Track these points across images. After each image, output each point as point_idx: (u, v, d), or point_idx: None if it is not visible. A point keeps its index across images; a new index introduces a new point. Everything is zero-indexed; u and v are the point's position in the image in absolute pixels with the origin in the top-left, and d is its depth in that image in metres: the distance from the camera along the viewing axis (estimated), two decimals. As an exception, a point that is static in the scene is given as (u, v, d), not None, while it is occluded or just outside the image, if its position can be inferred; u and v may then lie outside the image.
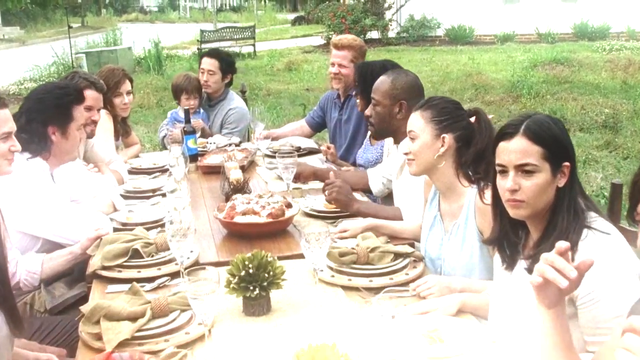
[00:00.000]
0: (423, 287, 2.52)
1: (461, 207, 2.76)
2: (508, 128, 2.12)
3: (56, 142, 3.21)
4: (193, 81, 5.54)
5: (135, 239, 2.90)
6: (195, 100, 5.54)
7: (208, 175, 4.37)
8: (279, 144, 4.93)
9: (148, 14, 52.22)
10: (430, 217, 2.92)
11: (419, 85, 3.52)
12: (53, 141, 3.20)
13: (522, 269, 2.16)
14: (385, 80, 3.50)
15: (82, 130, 3.34)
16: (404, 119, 3.38)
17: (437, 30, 21.63)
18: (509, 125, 2.13)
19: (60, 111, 3.22)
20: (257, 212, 3.15)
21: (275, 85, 14.89)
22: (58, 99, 3.25)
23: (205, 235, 3.25)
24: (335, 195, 3.35)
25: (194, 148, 4.58)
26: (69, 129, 3.23)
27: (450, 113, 2.79)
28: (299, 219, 3.36)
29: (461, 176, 2.78)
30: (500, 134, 2.15)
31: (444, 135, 2.76)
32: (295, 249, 3.01)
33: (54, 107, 3.22)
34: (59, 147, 3.22)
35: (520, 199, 2.09)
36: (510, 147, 2.10)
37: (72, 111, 3.25)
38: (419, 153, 2.79)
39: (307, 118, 5.51)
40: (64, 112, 3.23)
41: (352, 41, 5.04)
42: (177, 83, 5.61)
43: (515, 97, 11.78)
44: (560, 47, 17.84)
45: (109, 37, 19.69)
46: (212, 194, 3.95)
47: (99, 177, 3.81)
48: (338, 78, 4.97)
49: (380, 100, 3.49)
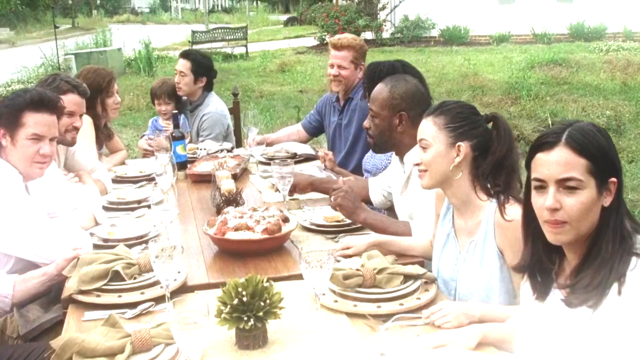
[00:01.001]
0: (438, 314, 2.24)
1: (478, 223, 2.48)
2: (547, 137, 1.84)
3: (6, 148, 2.92)
4: (166, 85, 5.32)
5: (116, 258, 2.61)
6: (167, 105, 5.33)
7: (198, 184, 4.09)
8: (274, 150, 4.66)
9: (139, 15, 51.79)
10: (443, 234, 2.64)
11: (421, 92, 3.20)
12: (2, 145, 2.92)
13: (556, 300, 1.89)
14: (383, 88, 3.20)
15: (42, 144, 2.95)
16: (405, 132, 3.12)
17: (432, 31, 21.37)
18: (548, 134, 1.85)
19: (10, 112, 2.93)
20: (251, 227, 2.87)
21: (268, 87, 14.60)
22: (12, 99, 2.97)
23: (194, 252, 2.97)
24: (340, 201, 3.05)
25: (183, 155, 4.30)
26: (17, 136, 2.91)
27: (466, 118, 2.52)
28: (297, 234, 3.08)
29: (478, 189, 2.51)
30: (537, 144, 1.86)
31: (460, 144, 2.48)
32: (293, 268, 2.73)
33: (4, 106, 2.95)
34: (11, 155, 2.93)
35: (562, 220, 1.81)
36: (550, 159, 1.81)
37: (22, 116, 2.92)
38: (432, 163, 2.51)
39: (304, 122, 5.22)
40: (14, 114, 2.92)
41: (352, 41, 4.75)
42: (152, 88, 5.40)
43: (514, 98, 11.53)
44: (556, 48, 17.60)
45: (99, 38, 19.33)
46: (202, 205, 3.67)
47: (79, 187, 3.51)
48: (338, 80, 4.68)
49: (378, 111, 3.19)
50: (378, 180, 3.61)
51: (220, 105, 5.34)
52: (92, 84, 4.33)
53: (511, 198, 2.43)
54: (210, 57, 5.52)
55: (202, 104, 5.27)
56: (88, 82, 4.29)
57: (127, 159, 4.80)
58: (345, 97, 4.72)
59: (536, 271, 1.97)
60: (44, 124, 2.97)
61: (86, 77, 4.32)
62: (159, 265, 2.29)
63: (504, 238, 2.39)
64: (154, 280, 2.51)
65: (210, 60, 5.39)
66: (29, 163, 2.96)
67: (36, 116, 2.95)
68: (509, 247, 2.38)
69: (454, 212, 2.62)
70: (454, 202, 2.58)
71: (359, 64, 4.72)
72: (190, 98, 5.31)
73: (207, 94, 5.32)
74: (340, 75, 4.66)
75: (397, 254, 2.76)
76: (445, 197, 2.64)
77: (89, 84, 4.30)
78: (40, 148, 2.96)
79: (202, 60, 5.24)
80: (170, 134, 4.25)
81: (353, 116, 4.65)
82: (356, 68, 4.70)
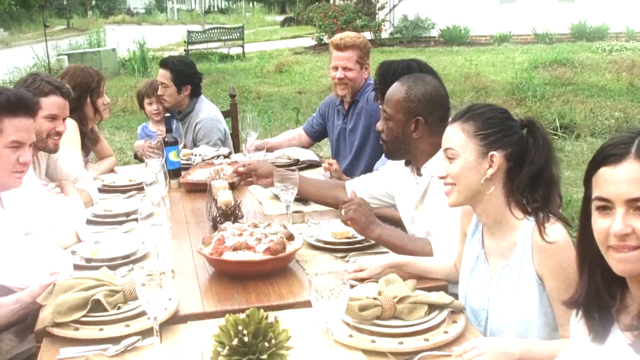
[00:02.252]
0: (472, 354, 1.92)
1: (513, 244, 2.16)
2: (613, 148, 1.52)
3: None
4: (155, 84, 4.95)
5: (98, 284, 2.28)
6: (159, 103, 4.98)
7: (193, 193, 3.76)
8: (275, 156, 4.33)
9: (135, 16, 51.47)
10: (472, 255, 2.32)
11: (440, 95, 2.85)
12: None
13: (621, 345, 1.57)
14: (399, 89, 2.85)
15: (21, 152, 2.62)
16: (421, 139, 2.79)
17: (432, 31, 21.06)
18: (613, 144, 1.53)
19: None
20: (252, 246, 2.54)
21: (266, 88, 14.28)
22: None
23: (187, 274, 2.64)
24: (352, 215, 2.72)
25: (176, 162, 3.97)
26: None
27: (499, 124, 2.20)
28: (302, 252, 2.74)
29: (513, 205, 2.18)
30: (601, 157, 1.54)
31: (493, 153, 2.16)
32: (299, 294, 2.42)
33: None
34: None
35: (632, 246, 1.49)
36: (619, 175, 1.50)
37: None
38: (461, 176, 2.19)
39: (306, 126, 4.88)
40: None
41: (356, 39, 4.40)
42: (138, 91, 5.05)
43: (519, 99, 11.21)
44: (559, 48, 17.31)
45: (93, 38, 18.95)
46: (197, 218, 3.34)
47: (60, 199, 3.18)
48: (344, 83, 4.33)
49: (392, 114, 2.84)
50: (359, 183, 3.25)
51: (213, 111, 4.92)
52: (81, 84, 4.02)
53: (551, 216, 2.11)
54: (191, 62, 4.99)
55: (192, 111, 4.85)
56: (76, 82, 3.99)
57: (116, 166, 4.47)
58: (351, 100, 4.39)
59: (593, 308, 1.64)
60: (23, 129, 2.63)
61: (73, 77, 4.00)
62: (146, 295, 1.97)
63: (544, 263, 2.07)
64: (140, 311, 2.18)
65: (191, 65, 4.90)
66: (8, 173, 2.62)
67: (14, 121, 2.61)
68: (550, 273, 2.06)
69: (484, 231, 2.30)
70: (484, 220, 2.26)
71: (364, 64, 4.39)
72: (177, 108, 4.89)
73: (196, 99, 4.88)
74: (346, 78, 4.33)
75: (417, 277, 2.45)
76: (473, 214, 2.31)
77: (77, 84, 3.99)
78: (20, 156, 2.63)
79: (183, 68, 4.77)
80: (162, 139, 3.92)
81: (359, 120, 4.32)
82: (362, 68, 4.37)
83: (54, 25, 38.99)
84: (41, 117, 3.23)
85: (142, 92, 5.05)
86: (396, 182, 3.07)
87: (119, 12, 53.50)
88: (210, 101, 5.08)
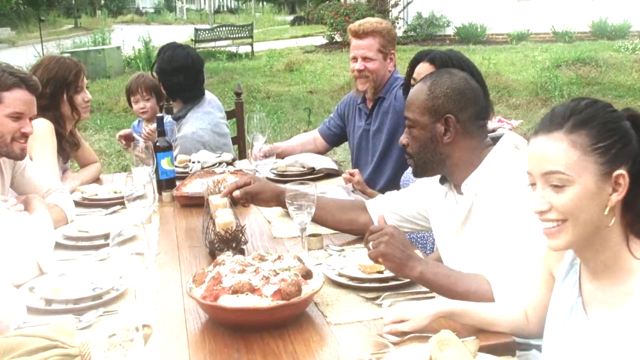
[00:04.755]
0: None
1: (628, 293, 1.54)
2: None
3: None
4: (142, 78, 4.39)
5: (50, 345, 1.68)
6: (147, 102, 4.35)
7: (188, 209, 3.16)
8: (286, 164, 3.70)
9: (144, 16, 51.07)
10: (564, 305, 1.68)
11: (472, 88, 2.22)
12: None
13: None
14: (421, 88, 2.24)
15: None
16: (455, 143, 2.17)
17: (447, 29, 20.41)
18: None
19: None
20: (257, 288, 1.93)
21: (275, 87, 13.66)
22: None
23: (174, 321, 2.04)
24: (383, 249, 2.07)
25: (169, 170, 3.36)
26: None
27: (616, 129, 1.56)
28: (321, 291, 2.12)
29: (632, 239, 1.56)
30: None
31: (620, 172, 1.54)
32: (319, 351, 1.83)
33: None
34: None
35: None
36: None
37: None
38: (577, 210, 1.53)
39: (321, 128, 4.23)
40: None
41: (377, 25, 3.77)
42: (127, 86, 4.46)
43: (544, 99, 10.56)
44: (580, 47, 16.61)
45: (97, 37, 18.35)
46: (191, 242, 2.74)
47: (22, 219, 2.56)
48: (364, 76, 3.72)
49: (416, 118, 2.22)
50: (385, 203, 2.63)
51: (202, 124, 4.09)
52: (56, 77, 3.42)
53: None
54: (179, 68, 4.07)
55: (183, 117, 4.16)
56: (50, 75, 3.40)
57: (102, 174, 3.88)
58: (374, 96, 3.78)
59: None
60: None
61: (47, 69, 3.39)
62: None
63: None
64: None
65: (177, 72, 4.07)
66: None
67: None
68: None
69: (583, 272, 1.66)
70: (593, 264, 1.61)
71: (388, 54, 3.77)
72: None
73: (190, 107, 4.15)
74: (367, 70, 3.72)
75: (476, 330, 1.84)
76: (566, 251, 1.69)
77: (52, 77, 3.41)
78: None
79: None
80: (153, 144, 3.32)
81: (385, 120, 3.71)
82: (385, 58, 3.76)
83: (62, 25, 38.66)
84: (4, 116, 2.66)
85: (129, 86, 4.42)
86: (431, 201, 2.45)
87: (127, 12, 53.17)
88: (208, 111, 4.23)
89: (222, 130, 4.25)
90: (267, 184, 2.75)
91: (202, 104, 4.19)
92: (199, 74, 4.18)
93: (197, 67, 4.15)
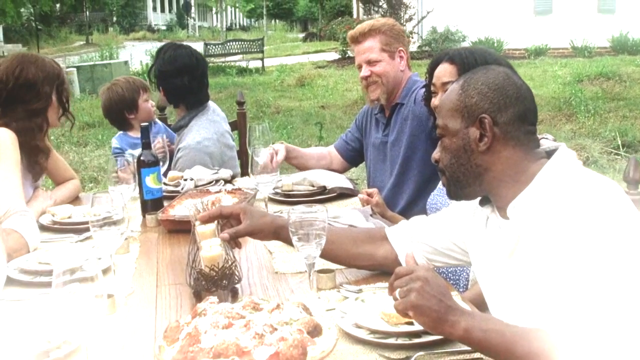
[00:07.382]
0: None
1: None
2: None
3: None
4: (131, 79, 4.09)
5: None
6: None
7: (175, 235, 2.67)
8: (292, 182, 3.19)
9: (156, 33, 50.99)
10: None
11: (514, 84, 1.74)
12: None
13: None
14: (453, 88, 1.79)
15: None
16: (493, 150, 1.67)
17: (462, 44, 19.97)
18: None
19: None
20: (247, 350, 1.42)
21: (286, 102, 13.24)
22: None
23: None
24: (415, 300, 1.54)
25: (156, 189, 2.86)
26: None
27: None
28: (335, 348, 1.61)
29: None
30: None
31: None
32: None
33: None
34: None
35: None
36: None
37: None
38: None
39: (338, 143, 3.71)
40: None
41: (375, 23, 3.32)
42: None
43: (568, 115, 10.05)
44: (601, 61, 16.12)
45: (104, 52, 18.02)
46: (174, 278, 2.24)
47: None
48: (373, 82, 3.25)
49: (446, 123, 1.75)
50: (411, 231, 2.12)
51: (207, 133, 3.66)
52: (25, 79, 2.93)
53: None
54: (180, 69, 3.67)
55: (186, 125, 3.70)
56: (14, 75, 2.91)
57: (81, 193, 3.39)
58: (390, 103, 3.28)
59: None
60: None
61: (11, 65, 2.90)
62: None
63: None
64: None
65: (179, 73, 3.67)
66: None
67: None
68: None
69: None
70: None
71: (394, 51, 3.28)
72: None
73: (194, 114, 3.71)
74: (374, 74, 3.24)
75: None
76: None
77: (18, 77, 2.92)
78: None
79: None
80: (137, 158, 2.84)
81: (404, 127, 3.22)
82: (392, 57, 3.28)
83: (73, 42, 38.57)
84: None
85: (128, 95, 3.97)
86: (470, 228, 1.94)
87: (140, 29, 53.13)
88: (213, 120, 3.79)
89: (229, 142, 3.80)
90: (261, 219, 2.12)
91: (206, 112, 3.74)
92: (204, 76, 3.75)
93: (202, 67, 3.72)
